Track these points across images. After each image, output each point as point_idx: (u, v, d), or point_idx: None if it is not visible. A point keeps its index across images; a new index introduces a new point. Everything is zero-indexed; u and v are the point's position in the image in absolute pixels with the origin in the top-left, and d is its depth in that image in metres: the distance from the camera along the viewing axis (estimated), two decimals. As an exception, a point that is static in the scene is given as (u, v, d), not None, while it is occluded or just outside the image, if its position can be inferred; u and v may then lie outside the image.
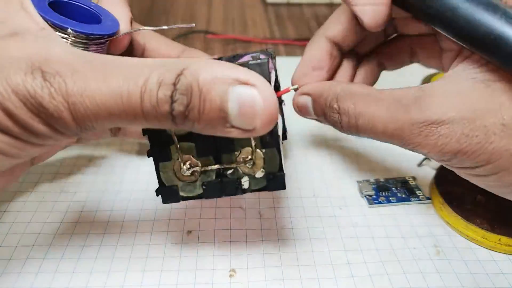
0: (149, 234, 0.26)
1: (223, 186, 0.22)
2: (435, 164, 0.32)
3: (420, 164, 0.32)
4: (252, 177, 0.22)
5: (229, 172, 0.22)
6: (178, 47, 0.30)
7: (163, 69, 0.17)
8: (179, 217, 0.27)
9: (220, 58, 0.29)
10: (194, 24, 0.27)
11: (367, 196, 0.29)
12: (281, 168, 0.21)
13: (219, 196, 0.22)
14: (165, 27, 0.26)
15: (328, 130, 0.36)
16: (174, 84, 0.17)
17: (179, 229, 0.26)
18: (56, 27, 0.21)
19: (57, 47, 0.19)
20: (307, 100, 0.27)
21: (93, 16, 0.24)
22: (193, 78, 0.17)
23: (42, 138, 0.19)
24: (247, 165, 0.21)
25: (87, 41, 0.22)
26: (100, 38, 0.22)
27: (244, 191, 0.22)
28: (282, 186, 0.22)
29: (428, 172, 0.32)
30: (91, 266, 0.24)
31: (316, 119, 0.27)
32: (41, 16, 0.20)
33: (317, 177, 0.31)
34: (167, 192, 0.22)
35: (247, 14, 0.61)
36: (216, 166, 0.21)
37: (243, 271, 0.24)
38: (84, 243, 0.25)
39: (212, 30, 0.55)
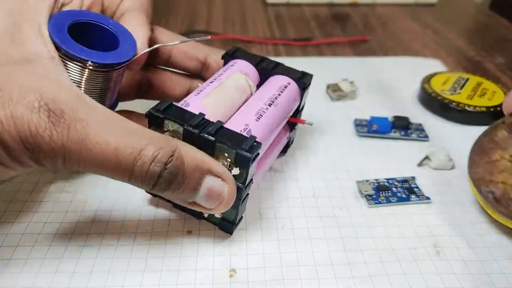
0: (149, 234, 0.26)
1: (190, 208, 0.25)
2: (435, 164, 0.32)
3: (420, 164, 0.32)
4: (212, 214, 0.26)
5: None
6: (204, 49, 0.30)
7: (158, 144, 0.20)
8: (179, 217, 0.27)
9: (262, 59, 0.30)
10: (209, 37, 0.28)
11: (367, 196, 0.29)
12: (234, 221, 0.25)
13: (184, 211, 0.27)
14: (177, 42, 0.28)
15: (327, 130, 0.36)
16: (166, 163, 0.20)
17: (179, 229, 0.26)
18: (77, 59, 0.22)
19: (65, 86, 0.19)
20: None
21: (111, 37, 0.25)
22: (181, 162, 0.20)
23: (26, 167, 0.19)
24: None
25: (107, 69, 0.23)
26: (118, 65, 0.24)
27: (203, 218, 0.27)
28: (230, 232, 0.26)
29: (428, 172, 0.32)
30: (91, 266, 0.24)
31: None
32: (63, 49, 0.21)
33: (317, 177, 0.31)
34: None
35: (247, 14, 0.61)
36: None
37: (243, 271, 0.24)
38: (84, 243, 0.25)
39: (212, 30, 0.55)
